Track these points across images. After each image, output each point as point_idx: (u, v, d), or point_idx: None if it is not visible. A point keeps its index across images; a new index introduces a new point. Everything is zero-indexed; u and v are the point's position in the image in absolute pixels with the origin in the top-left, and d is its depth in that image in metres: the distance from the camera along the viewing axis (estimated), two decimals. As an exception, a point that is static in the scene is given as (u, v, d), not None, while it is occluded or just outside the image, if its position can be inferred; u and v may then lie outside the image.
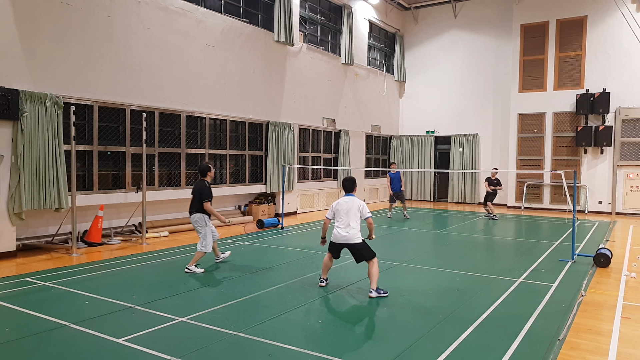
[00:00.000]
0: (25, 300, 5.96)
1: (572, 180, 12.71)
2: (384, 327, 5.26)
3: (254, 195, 14.28)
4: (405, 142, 21.56)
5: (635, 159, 16.35)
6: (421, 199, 21.02)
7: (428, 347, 4.60)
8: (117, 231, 10.25)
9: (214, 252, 8.07)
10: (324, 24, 16.99)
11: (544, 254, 9.24)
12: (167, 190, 11.28)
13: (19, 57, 8.42)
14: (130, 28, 10.29)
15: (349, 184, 6.64)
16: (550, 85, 17.63)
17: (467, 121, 19.92)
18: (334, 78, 17.24)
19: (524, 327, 5.16)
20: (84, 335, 4.80)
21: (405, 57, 21.49)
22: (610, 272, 7.90)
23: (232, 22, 12.84)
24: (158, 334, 4.85)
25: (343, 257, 6.81)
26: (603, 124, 16.58)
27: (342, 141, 17.55)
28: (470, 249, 10.27)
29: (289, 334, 4.91)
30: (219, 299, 6.02)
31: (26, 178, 8.34)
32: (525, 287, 6.90)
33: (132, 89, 10.36)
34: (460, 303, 6.02)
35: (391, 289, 6.55)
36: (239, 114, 13.22)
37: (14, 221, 8.35)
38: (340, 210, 6.45)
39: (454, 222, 14.29)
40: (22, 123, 8.26)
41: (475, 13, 19.82)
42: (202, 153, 12.27)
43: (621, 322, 5.43)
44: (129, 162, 10.43)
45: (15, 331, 4.88)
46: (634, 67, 16.31)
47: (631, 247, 10.37)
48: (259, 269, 7.75)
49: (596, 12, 16.81)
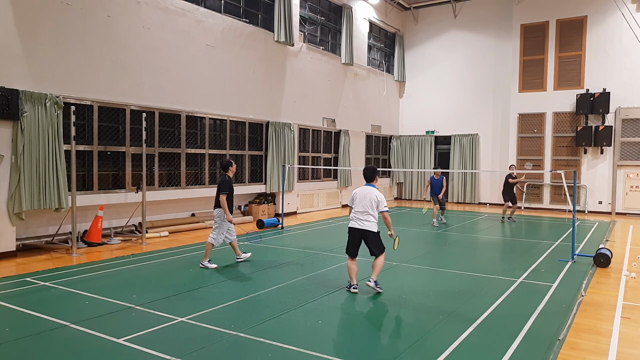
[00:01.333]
0: (25, 300, 5.96)
1: (572, 180, 12.71)
2: (384, 327, 5.25)
3: (254, 195, 14.27)
4: (405, 142, 21.56)
5: (635, 159, 16.35)
6: (421, 199, 21.00)
7: (428, 347, 4.60)
8: (117, 231, 10.24)
9: (235, 251, 8.19)
10: (324, 24, 16.99)
11: (544, 254, 9.23)
12: (167, 190, 11.28)
13: (19, 57, 8.42)
14: (130, 28, 10.29)
15: (368, 173, 6.64)
16: (550, 85, 17.64)
17: (467, 121, 19.92)
18: (334, 78, 17.24)
19: (524, 327, 5.16)
20: (84, 335, 4.80)
21: (405, 57, 21.49)
22: (610, 272, 7.90)
23: (232, 22, 12.84)
24: (158, 334, 4.85)
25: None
26: (603, 124, 16.58)
27: (342, 141, 17.55)
28: (470, 249, 10.27)
29: (289, 334, 4.91)
30: (219, 299, 6.02)
31: (26, 178, 8.34)
32: (525, 287, 6.90)
33: (132, 89, 10.36)
34: (460, 303, 6.02)
35: (391, 289, 6.55)
36: (239, 114, 13.22)
37: (14, 221, 8.35)
38: (356, 198, 6.46)
39: (454, 222, 14.28)
40: (22, 123, 8.26)
41: (475, 13, 19.82)
42: (202, 153, 12.27)
43: (621, 322, 5.43)
44: (129, 162, 10.43)
45: (15, 331, 4.88)
46: (634, 67, 16.31)
47: (631, 247, 10.37)
48: (259, 268, 7.75)
49: (596, 12, 16.81)
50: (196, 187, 12.06)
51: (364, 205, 6.35)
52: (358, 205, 6.40)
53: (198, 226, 11.81)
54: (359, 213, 6.37)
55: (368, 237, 6.37)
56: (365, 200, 6.35)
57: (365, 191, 6.45)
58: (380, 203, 6.34)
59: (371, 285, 6.31)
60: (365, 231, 6.34)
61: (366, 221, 6.33)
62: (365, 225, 6.33)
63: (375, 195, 6.38)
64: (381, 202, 6.35)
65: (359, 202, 6.40)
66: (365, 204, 6.34)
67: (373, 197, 6.35)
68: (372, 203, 6.33)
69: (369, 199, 6.34)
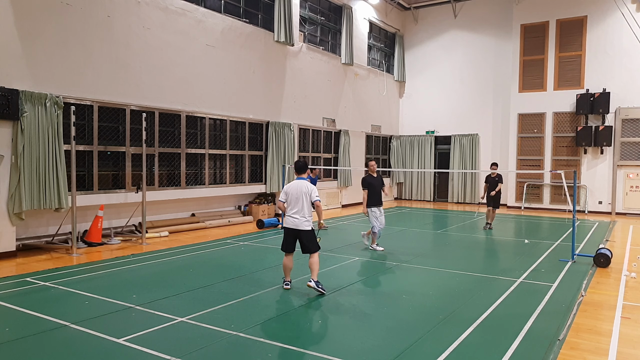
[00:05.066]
0: (25, 300, 5.96)
1: (572, 180, 12.70)
2: (384, 327, 5.25)
3: (254, 195, 14.27)
4: (405, 142, 21.55)
5: (635, 159, 16.35)
6: (421, 199, 21.02)
7: (428, 347, 4.60)
8: (117, 231, 10.24)
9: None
10: (324, 24, 16.99)
11: (544, 254, 9.23)
12: (167, 190, 11.28)
13: (19, 57, 8.42)
14: (130, 28, 10.29)
15: (298, 166, 6.66)
16: (550, 85, 17.63)
17: (467, 121, 19.92)
18: (334, 78, 17.24)
19: (524, 327, 5.16)
20: (84, 335, 4.80)
21: (405, 57, 21.49)
22: (610, 272, 7.90)
23: (232, 22, 12.84)
24: (158, 334, 4.85)
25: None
26: (603, 124, 16.58)
27: (342, 141, 17.55)
28: (470, 249, 10.26)
29: (289, 334, 4.91)
30: (219, 299, 6.02)
31: (26, 178, 8.33)
32: (525, 287, 6.90)
33: (132, 89, 10.36)
34: (460, 303, 6.02)
35: (391, 289, 6.55)
36: (239, 114, 13.22)
37: (14, 221, 8.35)
38: (290, 193, 6.46)
39: (454, 222, 14.28)
40: (22, 123, 8.26)
41: (475, 13, 19.82)
42: (202, 153, 12.27)
43: (621, 322, 5.43)
44: (129, 162, 10.43)
45: (15, 331, 4.88)
46: (634, 67, 16.31)
47: (631, 247, 10.37)
48: (259, 269, 7.75)
49: (596, 12, 16.81)
50: (196, 187, 12.06)
51: (298, 201, 6.38)
52: (292, 204, 6.42)
53: (198, 226, 11.80)
54: (292, 213, 6.41)
55: (302, 237, 6.42)
56: (299, 197, 6.38)
57: (296, 187, 6.45)
58: (312, 193, 6.40)
59: (312, 285, 6.28)
60: (299, 231, 6.39)
61: (300, 220, 6.37)
62: (299, 224, 6.37)
63: (305, 187, 6.42)
64: (313, 192, 6.40)
65: (293, 200, 6.42)
66: (299, 201, 6.37)
67: (305, 190, 6.39)
68: (305, 197, 6.36)
69: (302, 195, 6.37)
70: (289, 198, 6.44)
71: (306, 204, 6.36)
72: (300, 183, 6.47)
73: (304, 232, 6.38)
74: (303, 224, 6.36)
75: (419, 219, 14.73)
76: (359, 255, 8.92)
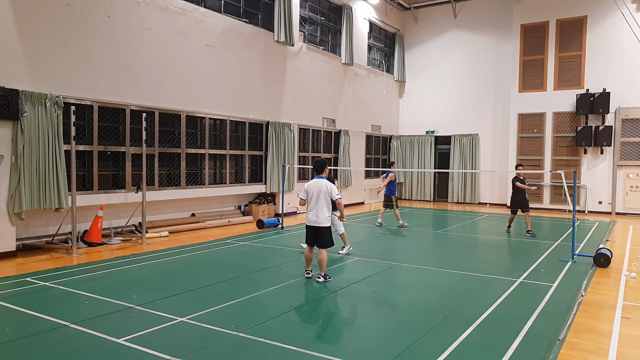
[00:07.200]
0: (25, 300, 5.96)
1: (572, 180, 12.69)
2: (384, 327, 5.25)
3: (254, 195, 14.27)
4: (405, 142, 21.55)
5: (635, 159, 16.35)
6: (421, 199, 21.02)
7: (428, 347, 4.60)
8: (117, 231, 10.24)
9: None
10: (324, 24, 16.99)
11: (544, 254, 9.23)
12: (167, 190, 11.28)
13: (19, 57, 8.41)
14: (130, 28, 10.29)
15: (317, 166, 7.07)
16: (550, 85, 17.63)
17: (467, 121, 19.92)
18: (334, 78, 17.23)
19: (524, 327, 5.16)
20: (84, 335, 4.79)
21: (405, 57, 21.49)
22: (610, 272, 7.90)
23: (232, 22, 12.84)
24: (158, 334, 4.85)
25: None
26: (603, 124, 16.58)
27: (342, 141, 17.55)
28: (470, 249, 10.27)
29: (289, 334, 4.90)
30: (219, 299, 6.02)
31: (26, 178, 8.33)
32: (525, 287, 6.90)
33: (132, 89, 10.36)
34: (460, 303, 6.02)
35: (391, 289, 6.54)
36: (238, 114, 13.22)
37: (14, 221, 8.35)
38: (310, 192, 6.88)
39: (454, 222, 14.29)
40: (22, 123, 8.25)
41: (475, 13, 19.82)
42: (202, 153, 12.27)
43: (621, 322, 5.43)
44: (129, 162, 10.43)
45: (15, 331, 4.88)
46: (634, 67, 16.31)
47: (631, 247, 10.37)
48: (259, 269, 7.75)
49: (596, 12, 16.81)
50: (196, 187, 12.06)
51: (318, 200, 6.81)
52: (312, 202, 6.85)
53: (198, 226, 11.80)
54: (312, 211, 6.85)
55: (320, 233, 6.86)
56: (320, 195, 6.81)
57: (316, 185, 6.87)
58: (333, 191, 6.82)
59: (321, 281, 6.83)
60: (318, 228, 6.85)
61: (320, 217, 6.81)
62: (319, 222, 6.81)
63: (325, 186, 6.84)
64: (333, 190, 6.83)
65: (313, 199, 6.83)
66: (319, 199, 6.79)
67: (324, 189, 6.82)
68: (326, 195, 6.80)
69: (323, 193, 6.79)
70: (308, 196, 6.84)
71: (325, 202, 6.78)
72: (320, 182, 6.85)
73: (322, 228, 6.82)
74: (322, 221, 6.79)
75: (419, 219, 14.73)
76: (359, 255, 8.92)
